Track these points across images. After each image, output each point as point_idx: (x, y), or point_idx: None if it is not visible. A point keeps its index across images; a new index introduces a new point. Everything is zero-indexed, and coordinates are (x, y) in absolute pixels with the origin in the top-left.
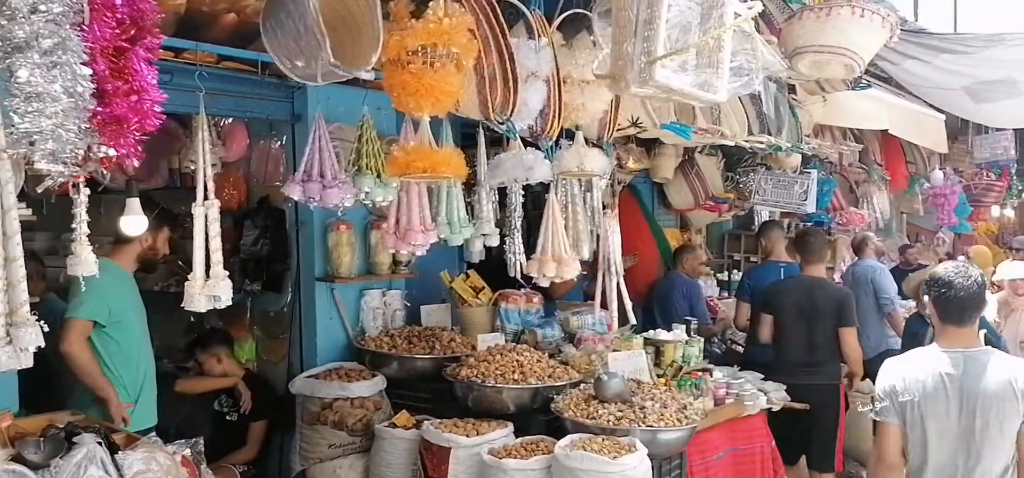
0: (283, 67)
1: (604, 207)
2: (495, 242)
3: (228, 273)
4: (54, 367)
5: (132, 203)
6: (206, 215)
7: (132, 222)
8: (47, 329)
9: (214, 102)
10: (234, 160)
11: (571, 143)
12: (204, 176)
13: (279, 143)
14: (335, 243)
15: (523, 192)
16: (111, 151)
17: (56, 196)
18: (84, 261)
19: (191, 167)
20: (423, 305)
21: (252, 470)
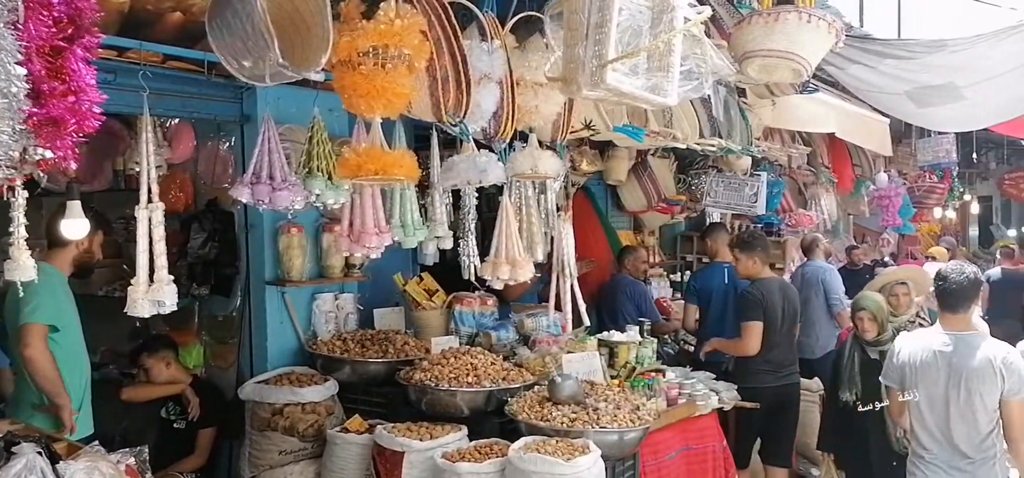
0: (230, 67)
1: (558, 209)
2: (449, 245)
3: (173, 277)
4: None
5: (73, 206)
6: (150, 218)
7: (73, 225)
8: None
9: (159, 103)
10: (181, 162)
11: (525, 145)
12: (148, 178)
13: (227, 144)
14: (286, 246)
15: (477, 194)
16: (48, 153)
17: None
18: (22, 266)
19: (135, 169)
20: (376, 308)
21: None
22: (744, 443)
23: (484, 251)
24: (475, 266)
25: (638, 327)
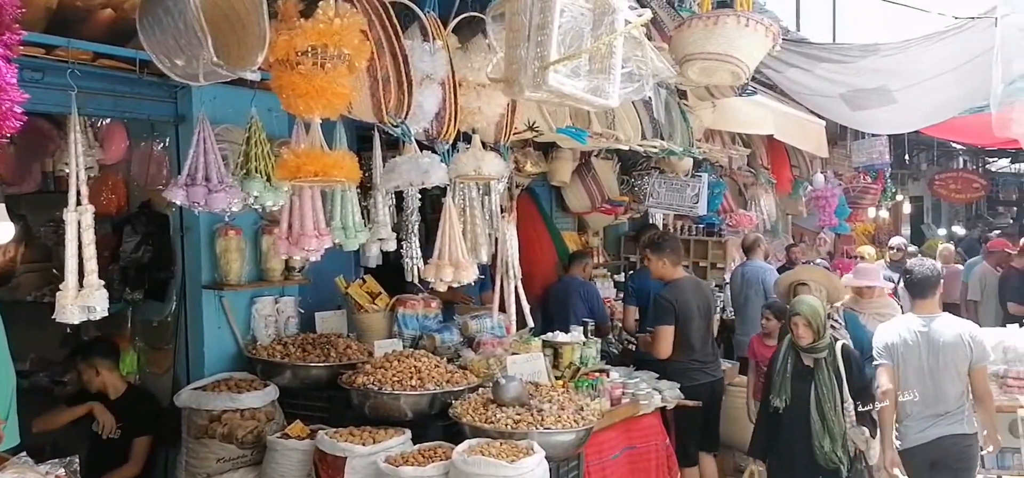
0: (162, 66)
1: (502, 211)
2: (392, 246)
3: (104, 282)
4: None
5: None
6: (79, 221)
7: None
8: None
9: (90, 102)
10: (113, 163)
11: (468, 146)
12: (78, 180)
13: (161, 145)
14: (223, 249)
15: (420, 196)
16: None
17: None
18: None
19: (65, 170)
20: (318, 312)
21: None
22: (687, 441)
23: (427, 253)
24: (418, 268)
25: (582, 327)
